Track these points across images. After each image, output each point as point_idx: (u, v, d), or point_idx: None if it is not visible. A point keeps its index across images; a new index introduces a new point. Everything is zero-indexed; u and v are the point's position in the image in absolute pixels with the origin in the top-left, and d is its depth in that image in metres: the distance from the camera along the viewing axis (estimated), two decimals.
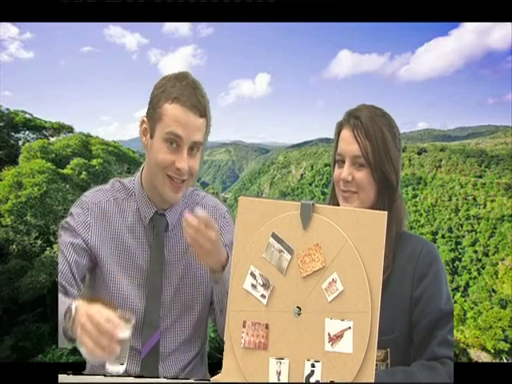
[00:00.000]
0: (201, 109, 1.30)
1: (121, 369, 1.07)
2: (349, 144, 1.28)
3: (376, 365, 1.22)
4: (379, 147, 1.26)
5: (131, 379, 1.22)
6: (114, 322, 1.02)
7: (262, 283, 1.02)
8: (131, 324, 1.08)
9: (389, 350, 1.23)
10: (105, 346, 1.01)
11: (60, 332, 1.15)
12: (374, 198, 1.29)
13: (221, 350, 1.21)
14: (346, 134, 1.30)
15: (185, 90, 1.30)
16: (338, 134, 1.34)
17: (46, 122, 24.94)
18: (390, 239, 1.25)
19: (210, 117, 1.37)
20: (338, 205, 1.33)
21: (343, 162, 1.30)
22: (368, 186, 1.28)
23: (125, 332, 1.05)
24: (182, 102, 1.29)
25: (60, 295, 1.27)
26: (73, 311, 1.09)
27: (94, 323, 1.03)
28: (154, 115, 1.33)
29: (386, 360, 1.23)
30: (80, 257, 1.35)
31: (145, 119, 1.37)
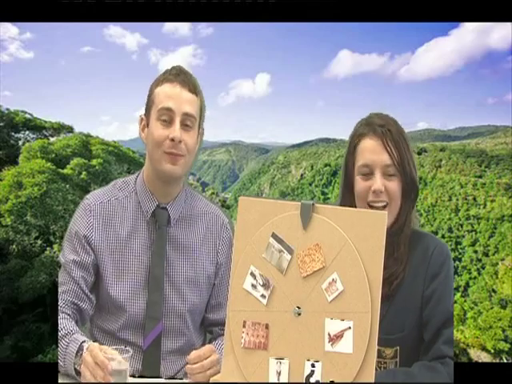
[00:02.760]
0: (189, 84, 1.38)
1: None
2: (377, 154, 1.25)
3: (385, 362, 1.24)
4: (406, 154, 1.26)
5: (131, 379, 1.23)
6: (110, 355, 1.09)
7: (261, 283, 1.02)
8: (129, 355, 1.12)
9: (399, 347, 1.24)
10: (100, 377, 1.06)
11: (62, 364, 1.20)
12: (401, 205, 1.29)
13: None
14: (370, 143, 1.27)
15: (172, 71, 1.40)
16: (355, 145, 1.30)
17: (46, 122, 24.89)
18: (403, 242, 1.27)
19: (202, 102, 1.44)
20: None
21: (371, 173, 1.26)
22: (398, 194, 1.27)
23: (122, 364, 1.09)
24: (170, 80, 1.38)
25: (64, 323, 1.27)
26: (84, 350, 1.15)
27: (92, 355, 1.09)
28: (148, 105, 1.41)
29: (395, 358, 1.24)
30: (86, 272, 1.38)
31: (143, 116, 1.43)
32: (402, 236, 1.29)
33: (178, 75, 1.38)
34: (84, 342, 1.19)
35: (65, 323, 1.27)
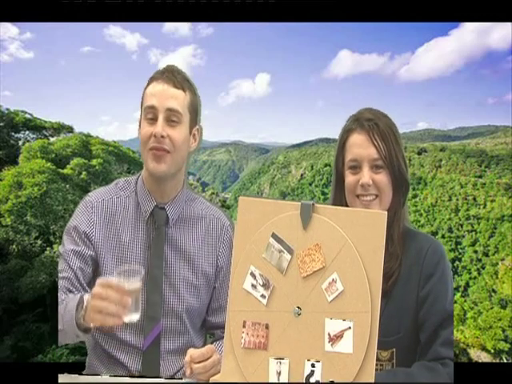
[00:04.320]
0: (175, 80, 1.38)
1: (135, 318, 1.12)
2: (365, 148, 1.27)
3: (382, 365, 1.23)
4: (394, 147, 1.27)
5: (131, 379, 1.23)
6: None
7: (262, 283, 1.02)
8: (141, 275, 1.12)
9: (395, 349, 1.23)
10: (116, 301, 1.05)
11: (61, 327, 1.19)
12: (391, 199, 1.29)
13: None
14: (358, 138, 1.28)
15: (159, 71, 1.42)
16: (344, 141, 1.31)
17: (46, 122, 24.88)
18: (396, 237, 1.26)
19: (194, 98, 1.43)
20: None
21: (359, 167, 1.27)
22: (387, 187, 1.27)
23: (134, 283, 1.10)
24: (156, 78, 1.40)
25: (64, 294, 1.29)
26: (85, 302, 1.14)
27: (101, 285, 1.08)
28: (140, 107, 1.43)
29: (392, 360, 1.23)
30: (84, 264, 1.37)
31: (139, 119, 1.44)
32: (395, 230, 1.28)
33: (163, 73, 1.40)
34: (84, 295, 1.18)
35: (63, 295, 1.29)
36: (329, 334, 0.96)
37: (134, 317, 1.12)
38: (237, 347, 1.03)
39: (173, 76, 1.39)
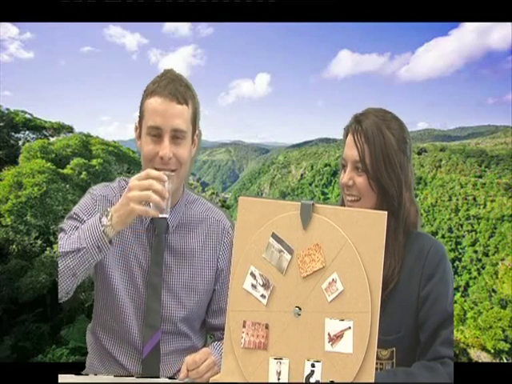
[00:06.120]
0: (178, 95, 1.32)
1: (167, 214, 1.21)
2: (350, 149, 1.28)
3: (382, 363, 1.23)
4: (377, 153, 1.24)
5: (132, 379, 1.23)
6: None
7: (262, 283, 1.02)
8: (172, 179, 1.20)
9: (395, 348, 1.23)
10: (158, 191, 1.14)
11: (78, 246, 1.19)
12: (375, 205, 1.28)
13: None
14: (349, 138, 1.29)
15: (161, 82, 1.34)
16: (345, 138, 1.33)
17: (46, 122, 24.86)
18: (397, 248, 1.25)
19: (196, 107, 1.39)
20: None
21: (346, 166, 1.29)
22: (368, 191, 1.26)
23: (169, 182, 1.18)
24: (159, 92, 1.32)
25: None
26: (110, 211, 1.19)
27: (139, 178, 1.16)
28: (140, 115, 1.39)
29: (392, 359, 1.23)
30: None
31: (137, 124, 1.41)
32: (400, 232, 1.27)
33: (166, 86, 1.32)
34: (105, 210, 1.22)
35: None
36: (329, 334, 0.96)
37: (167, 213, 1.19)
38: (237, 347, 1.03)
39: (175, 90, 1.32)
